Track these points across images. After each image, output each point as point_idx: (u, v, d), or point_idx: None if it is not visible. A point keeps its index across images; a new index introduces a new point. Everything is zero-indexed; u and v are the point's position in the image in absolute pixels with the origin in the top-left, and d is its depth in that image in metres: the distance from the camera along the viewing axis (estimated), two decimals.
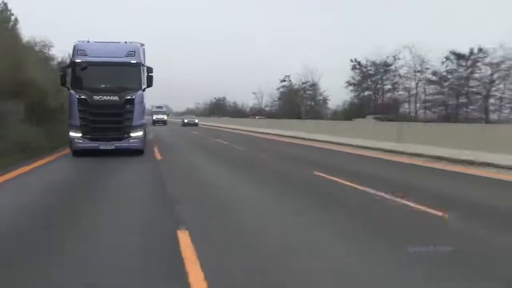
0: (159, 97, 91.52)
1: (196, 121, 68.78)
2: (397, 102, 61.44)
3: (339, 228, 7.12)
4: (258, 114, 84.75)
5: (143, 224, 7.16)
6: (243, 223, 7.32)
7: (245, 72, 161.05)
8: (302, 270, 5.11)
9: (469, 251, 5.97)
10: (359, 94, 66.70)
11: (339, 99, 77.41)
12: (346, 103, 66.41)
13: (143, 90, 18.08)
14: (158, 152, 19.83)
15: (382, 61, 61.95)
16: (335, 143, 26.20)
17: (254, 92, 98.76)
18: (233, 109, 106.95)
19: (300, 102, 78.14)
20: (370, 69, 64.23)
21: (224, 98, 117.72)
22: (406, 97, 60.51)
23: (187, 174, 13.35)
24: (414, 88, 57.98)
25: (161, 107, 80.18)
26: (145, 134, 18.96)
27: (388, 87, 63.04)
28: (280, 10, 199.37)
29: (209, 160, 17.68)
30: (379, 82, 63.77)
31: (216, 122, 75.49)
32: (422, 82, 57.14)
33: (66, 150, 18.50)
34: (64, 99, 21.56)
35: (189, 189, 10.69)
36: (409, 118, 49.51)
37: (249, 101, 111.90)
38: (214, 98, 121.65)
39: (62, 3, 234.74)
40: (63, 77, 17.67)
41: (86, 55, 17.65)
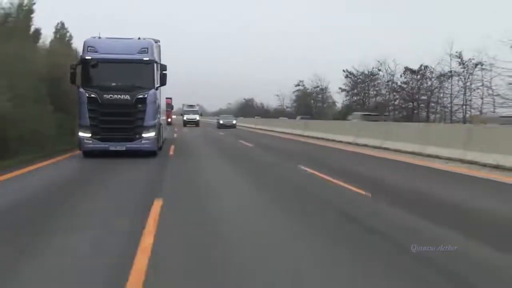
0: (190, 96, 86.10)
1: (234, 122, 57.39)
2: (381, 105, 69.45)
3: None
4: (281, 115, 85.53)
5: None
6: None
7: (268, 72, 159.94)
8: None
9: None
10: (351, 98, 75.25)
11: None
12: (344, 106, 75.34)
13: (156, 89, 17.24)
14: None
15: (369, 71, 72.16)
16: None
17: (277, 94, 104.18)
18: (260, 110, 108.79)
19: (312, 104, 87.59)
20: (359, 78, 73.71)
21: (252, 99, 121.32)
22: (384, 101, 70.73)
23: None
24: (387, 94, 69.39)
25: (193, 106, 68.68)
26: (159, 135, 18.05)
27: (373, 93, 73.49)
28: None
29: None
30: (366, 89, 73.57)
31: (250, 123, 64.54)
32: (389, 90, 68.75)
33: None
34: None
35: None
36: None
37: (272, 102, 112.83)
38: (244, 99, 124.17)
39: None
40: (73, 74, 16.76)
41: (96, 52, 16.77)
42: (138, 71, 16.94)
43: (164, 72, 17.31)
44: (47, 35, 30.62)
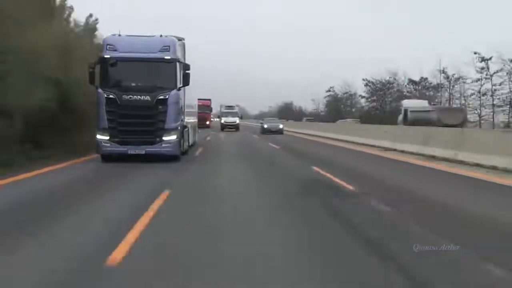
0: (230, 98, 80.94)
1: (280, 126, 47.65)
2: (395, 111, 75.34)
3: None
4: (315, 118, 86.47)
5: None
6: None
7: (306, 77, 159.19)
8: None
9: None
10: (370, 104, 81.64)
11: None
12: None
13: (179, 89, 16.15)
14: None
15: (385, 80, 78.92)
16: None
17: (313, 99, 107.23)
18: (297, 113, 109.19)
19: (342, 109, 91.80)
20: (378, 86, 79.86)
21: (291, 102, 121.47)
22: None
23: None
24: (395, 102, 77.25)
25: (232, 107, 59.35)
26: (181, 138, 16.96)
27: (389, 100, 79.51)
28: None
29: None
30: (383, 96, 79.43)
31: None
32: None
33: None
34: None
35: None
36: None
37: (308, 105, 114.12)
38: (283, 103, 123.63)
39: None
40: (92, 74, 15.74)
41: (116, 50, 15.79)
42: (159, 71, 15.95)
43: (187, 71, 16.25)
44: None
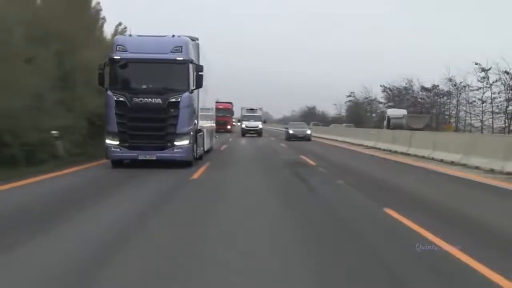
0: (253, 102, 78.50)
1: (308, 132, 41.61)
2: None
3: None
4: (337, 122, 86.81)
5: None
6: None
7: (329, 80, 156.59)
8: None
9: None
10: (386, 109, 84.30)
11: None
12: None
13: (191, 91, 15.28)
14: None
15: (403, 86, 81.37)
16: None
17: (335, 103, 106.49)
18: (320, 117, 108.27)
19: (362, 113, 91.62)
20: (395, 92, 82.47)
21: (314, 107, 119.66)
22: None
23: None
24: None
25: (254, 110, 53.28)
26: (194, 143, 16.06)
27: (406, 105, 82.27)
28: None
29: None
30: (401, 102, 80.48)
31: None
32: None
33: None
34: None
35: None
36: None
37: (330, 110, 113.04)
38: (306, 107, 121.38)
39: None
40: (101, 76, 14.96)
41: (126, 51, 15.00)
42: (171, 72, 15.14)
43: (200, 73, 15.39)
44: None
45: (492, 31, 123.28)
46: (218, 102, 50.55)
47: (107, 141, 14.93)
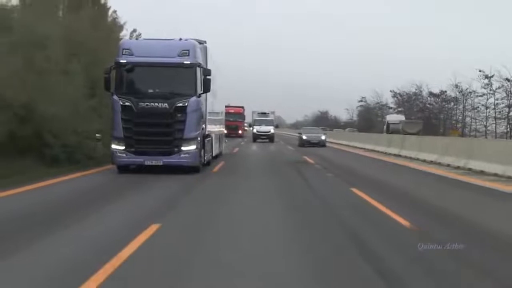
0: (265, 106, 74.68)
1: (322, 137, 38.76)
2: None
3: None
4: (349, 127, 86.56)
5: None
6: None
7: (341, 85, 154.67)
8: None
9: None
10: (397, 114, 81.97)
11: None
12: None
13: (199, 96, 14.89)
14: None
15: (412, 92, 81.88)
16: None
17: (347, 108, 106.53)
18: (332, 122, 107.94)
19: (373, 118, 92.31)
20: (404, 97, 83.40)
21: (327, 111, 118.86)
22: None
23: None
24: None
25: (266, 114, 51.18)
26: (202, 148, 15.64)
27: (416, 110, 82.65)
28: None
29: None
30: (410, 107, 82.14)
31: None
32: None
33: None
34: None
35: None
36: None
37: (342, 114, 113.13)
38: (319, 111, 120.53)
39: None
40: (107, 80, 14.63)
41: (132, 55, 14.66)
42: (178, 76, 14.78)
43: (207, 77, 14.99)
44: None
45: (497, 31, 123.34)
46: (228, 106, 49.38)
47: (113, 146, 14.59)
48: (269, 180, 14.67)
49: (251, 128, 51.28)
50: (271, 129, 48.02)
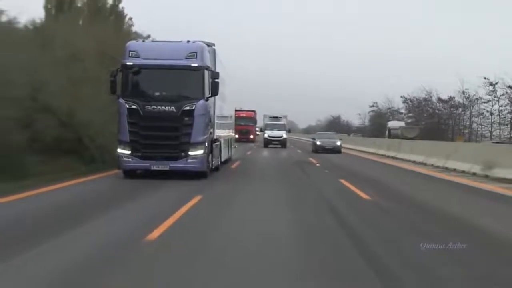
0: (278, 111, 68.72)
1: (338, 143, 36.27)
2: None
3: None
4: (361, 132, 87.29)
5: None
6: None
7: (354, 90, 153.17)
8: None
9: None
10: (407, 120, 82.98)
11: None
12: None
13: (207, 99, 14.45)
14: None
15: (422, 98, 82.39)
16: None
17: (359, 113, 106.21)
18: (344, 127, 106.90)
19: (385, 123, 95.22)
20: (415, 103, 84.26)
21: (339, 116, 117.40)
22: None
23: None
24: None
25: (278, 118, 49.93)
26: (210, 153, 15.20)
27: (426, 115, 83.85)
28: None
29: None
30: (420, 113, 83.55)
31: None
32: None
33: None
34: None
35: None
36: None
37: (354, 119, 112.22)
38: (331, 116, 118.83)
39: None
40: (113, 83, 14.23)
41: (138, 57, 14.24)
42: (186, 79, 14.34)
43: (216, 80, 14.53)
44: None
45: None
46: (240, 110, 48.03)
47: (119, 150, 14.15)
48: (278, 174, 18.90)
49: (262, 132, 48.80)
50: (284, 133, 45.33)
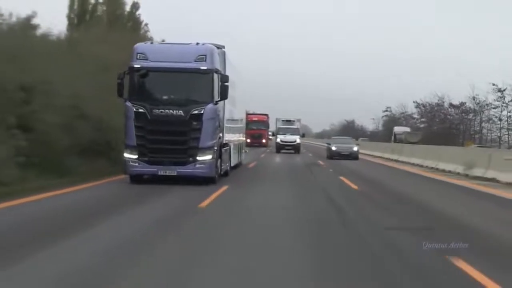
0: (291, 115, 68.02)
1: (355, 149, 33.83)
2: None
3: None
4: (375, 136, 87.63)
5: None
6: None
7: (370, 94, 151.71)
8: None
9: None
10: (420, 125, 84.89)
11: None
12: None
13: (216, 103, 14.01)
14: None
15: (435, 103, 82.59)
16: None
17: (373, 118, 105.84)
18: (359, 131, 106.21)
19: None
20: (427, 108, 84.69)
21: (353, 121, 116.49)
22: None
23: None
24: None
25: (291, 122, 48.06)
26: (219, 158, 14.75)
27: (438, 120, 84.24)
28: None
29: None
30: (433, 118, 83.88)
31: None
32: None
33: None
34: None
35: None
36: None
37: (368, 124, 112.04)
38: (346, 121, 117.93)
39: None
40: (120, 85, 13.80)
41: (146, 60, 13.84)
42: (194, 82, 13.91)
43: (225, 83, 14.05)
44: None
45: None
46: (252, 114, 47.20)
47: (125, 154, 13.73)
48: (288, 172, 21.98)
49: (275, 137, 46.42)
50: (297, 138, 42.52)
